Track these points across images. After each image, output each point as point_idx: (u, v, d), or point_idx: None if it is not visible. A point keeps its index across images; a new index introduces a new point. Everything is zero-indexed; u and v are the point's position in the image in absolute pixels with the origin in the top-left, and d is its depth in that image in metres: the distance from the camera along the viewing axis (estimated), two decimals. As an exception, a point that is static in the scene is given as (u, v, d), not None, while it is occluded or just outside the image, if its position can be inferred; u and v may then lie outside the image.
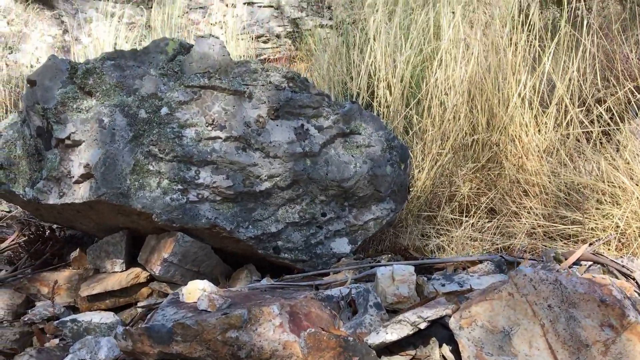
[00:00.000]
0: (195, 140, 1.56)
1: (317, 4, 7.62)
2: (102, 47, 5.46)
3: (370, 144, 1.79)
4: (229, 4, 6.65)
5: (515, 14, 2.92)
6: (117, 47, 5.49)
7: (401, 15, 2.83)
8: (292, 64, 6.55)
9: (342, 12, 7.53)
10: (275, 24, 7.05)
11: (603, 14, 3.39)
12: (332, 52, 3.33)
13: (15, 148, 1.65)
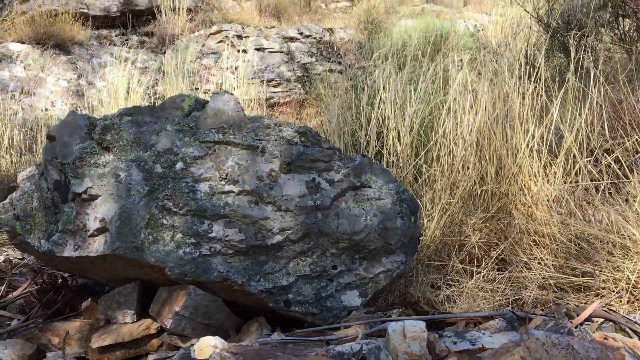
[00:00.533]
0: (208, 194, 1.59)
1: (327, 50, 7.78)
2: (116, 91, 5.57)
3: (380, 197, 1.81)
4: (241, 50, 6.79)
5: (522, 62, 2.98)
6: (131, 90, 5.61)
7: (410, 65, 2.89)
8: (302, 107, 6.65)
9: (351, 58, 7.68)
10: (286, 68, 7.19)
11: (610, 64, 3.45)
12: (341, 101, 3.38)
13: (32, 200, 1.69)
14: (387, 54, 3.00)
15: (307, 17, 9.49)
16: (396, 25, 8.46)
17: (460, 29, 8.66)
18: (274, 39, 7.39)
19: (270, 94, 6.96)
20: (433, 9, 12.07)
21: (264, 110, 5.76)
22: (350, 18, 8.86)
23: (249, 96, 6.28)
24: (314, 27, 7.90)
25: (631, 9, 3.26)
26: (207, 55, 6.79)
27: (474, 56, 4.65)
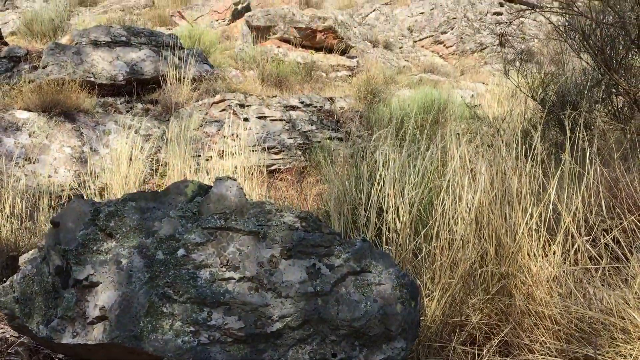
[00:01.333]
0: (209, 281, 1.60)
1: (327, 118, 7.94)
2: (119, 158, 5.65)
3: (380, 282, 1.82)
4: (243, 118, 6.94)
5: (519, 141, 3.04)
6: (133, 157, 5.68)
7: (409, 141, 2.95)
8: (303, 174, 6.71)
9: (350, 126, 7.83)
10: (287, 136, 7.32)
11: (605, 141, 3.52)
12: (341, 175, 3.43)
13: (33, 284, 1.69)
14: (386, 134, 3.07)
15: (308, 85, 9.75)
16: (395, 95, 8.67)
17: (457, 99, 8.87)
18: (275, 107, 7.56)
19: (271, 161, 7.05)
20: (431, 78, 12.41)
21: (264, 178, 5.81)
22: (350, 87, 9.10)
23: (250, 163, 6.36)
24: (314, 96, 8.09)
25: (623, 89, 3.36)
26: (210, 123, 6.92)
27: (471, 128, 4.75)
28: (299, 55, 10.59)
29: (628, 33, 3.15)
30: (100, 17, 11.10)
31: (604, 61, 3.39)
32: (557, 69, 4.15)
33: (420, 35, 14.39)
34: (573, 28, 3.41)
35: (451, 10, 14.25)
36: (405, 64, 13.65)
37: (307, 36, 10.92)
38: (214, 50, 9.68)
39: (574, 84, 3.93)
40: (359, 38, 13.14)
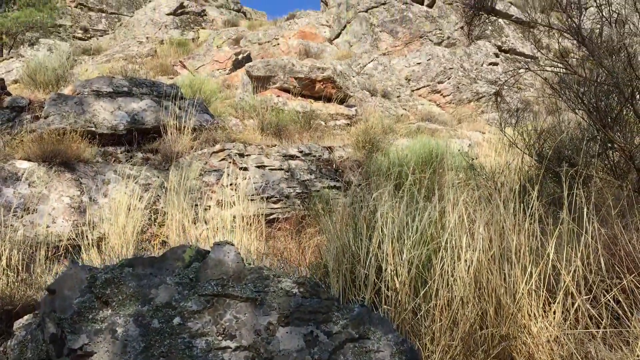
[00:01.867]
0: (205, 350, 1.58)
1: (326, 167, 7.98)
2: (117, 208, 5.64)
3: (379, 349, 1.79)
4: (242, 167, 6.98)
5: (516, 198, 3.05)
6: (132, 207, 5.68)
7: (407, 204, 2.96)
8: (301, 224, 6.69)
9: (349, 176, 7.87)
10: (286, 185, 7.33)
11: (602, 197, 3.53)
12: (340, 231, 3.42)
13: (26, 350, 1.67)
14: (384, 191, 3.08)
15: (307, 134, 9.85)
16: (393, 145, 8.75)
17: (455, 148, 8.95)
18: (274, 156, 7.61)
19: (270, 210, 7.04)
20: (428, 127, 12.54)
21: (263, 229, 5.80)
22: (349, 136, 9.18)
23: (249, 213, 6.36)
24: (313, 145, 8.15)
25: (618, 145, 3.40)
26: (209, 172, 6.95)
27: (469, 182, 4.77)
28: (299, 104, 10.73)
29: (622, 92, 3.20)
30: (102, 66, 11.30)
31: (599, 118, 3.44)
32: (552, 123, 4.21)
33: (417, 84, 14.62)
34: (567, 85, 3.47)
35: (447, 60, 14.53)
36: (403, 112, 13.83)
37: (306, 86, 11.09)
38: (214, 100, 9.81)
39: (570, 138, 3.98)
40: (358, 87, 13.35)
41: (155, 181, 6.77)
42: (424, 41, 15.53)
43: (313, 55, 15.30)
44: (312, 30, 17.36)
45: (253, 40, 16.90)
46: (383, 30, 16.00)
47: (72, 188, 6.05)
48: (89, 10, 19.66)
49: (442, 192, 3.34)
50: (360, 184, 7.76)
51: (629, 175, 3.88)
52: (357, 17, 16.65)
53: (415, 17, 15.91)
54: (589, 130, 4.14)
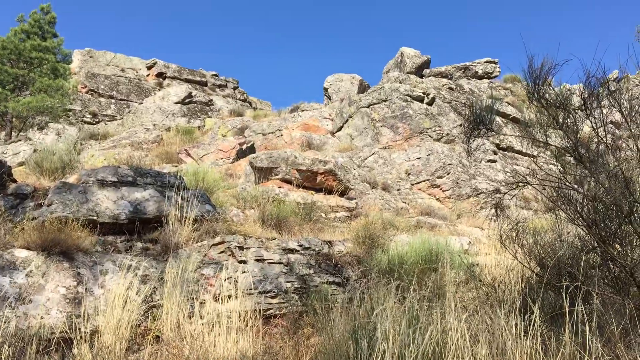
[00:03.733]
0: None
1: (325, 262, 7.95)
2: (113, 300, 5.57)
3: None
4: (241, 261, 6.95)
5: (517, 315, 3.03)
6: (129, 299, 5.61)
7: (410, 322, 2.94)
8: (298, 322, 6.57)
9: (348, 271, 7.82)
10: (284, 279, 7.27)
11: (605, 315, 3.50)
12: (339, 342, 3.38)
13: None
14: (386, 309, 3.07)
15: (307, 226, 9.89)
16: (393, 241, 8.76)
17: (455, 246, 8.96)
18: (274, 250, 7.60)
19: (267, 305, 6.94)
20: (428, 221, 12.61)
21: (259, 327, 5.69)
22: (349, 231, 9.22)
23: (246, 308, 6.26)
24: (313, 239, 8.17)
25: (618, 261, 3.42)
26: (208, 265, 6.92)
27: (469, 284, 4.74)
28: (300, 196, 10.85)
29: (621, 209, 3.27)
30: (108, 152, 11.54)
31: (598, 233, 3.48)
32: (552, 235, 4.24)
33: (417, 178, 14.85)
34: (567, 200, 3.54)
35: (447, 156, 14.85)
36: (403, 205, 13.95)
37: (307, 177, 11.27)
38: (217, 189, 9.94)
39: (570, 250, 4.00)
40: (358, 179, 13.55)
41: (153, 272, 6.73)
42: (424, 137, 15.94)
43: (315, 147, 15.64)
44: (314, 123, 17.86)
45: (257, 131, 17.35)
46: (384, 125, 16.46)
47: (69, 278, 6.00)
48: (99, 96, 20.32)
49: (442, 301, 3.33)
50: (360, 280, 7.70)
51: (630, 289, 3.87)
52: (359, 112, 17.18)
53: (415, 114, 16.42)
54: (588, 241, 4.17)
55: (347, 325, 4.07)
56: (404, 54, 22.39)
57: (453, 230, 12.39)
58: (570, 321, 3.04)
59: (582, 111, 3.37)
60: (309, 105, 21.64)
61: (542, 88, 3.45)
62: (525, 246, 3.91)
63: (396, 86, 17.38)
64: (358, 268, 7.98)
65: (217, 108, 21.51)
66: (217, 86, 25.22)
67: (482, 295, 4.60)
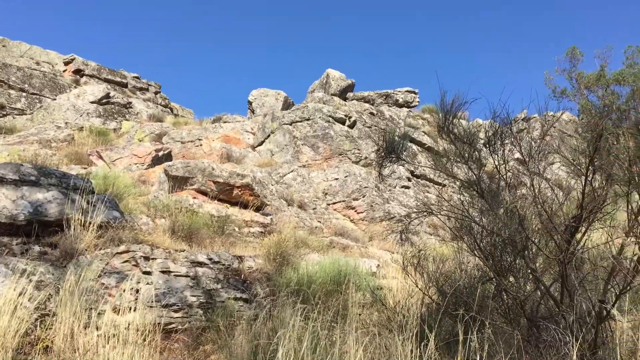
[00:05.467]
0: None
1: (234, 277, 7.84)
2: (2, 305, 5.21)
3: None
4: (145, 272, 6.72)
5: (413, 342, 3.11)
6: (20, 306, 5.26)
7: (310, 344, 2.95)
8: (200, 339, 6.41)
9: (257, 288, 7.76)
10: (190, 293, 7.09)
11: (498, 345, 3.67)
12: None
13: None
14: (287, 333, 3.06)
15: (219, 239, 9.73)
16: (304, 259, 8.79)
17: (364, 268, 9.12)
18: (182, 262, 7.41)
19: (169, 319, 6.73)
20: (341, 242, 12.76)
21: (157, 342, 5.49)
22: (261, 247, 9.15)
23: (146, 321, 6.03)
24: (223, 253, 8.04)
25: (511, 294, 3.60)
26: (110, 274, 6.63)
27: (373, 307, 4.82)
28: (214, 208, 10.67)
29: (515, 244, 3.45)
30: (13, 148, 10.88)
31: (494, 265, 3.65)
32: (453, 264, 4.42)
33: (333, 198, 15.04)
34: (467, 232, 3.70)
35: (363, 179, 15.16)
36: (318, 224, 14.05)
37: (224, 190, 11.12)
38: (127, 195, 9.59)
39: (468, 280, 4.17)
40: (276, 196, 13.53)
41: (50, 278, 6.36)
42: (343, 158, 16.20)
43: (234, 159, 15.49)
44: (236, 135, 17.71)
45: (176, 138, 16.96)
46: (305, 144, 16.59)
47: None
48: (10, 88, 19.13)
49: (346, 323, 3.36)
50: (268, 297, 7.64)
51: (520, 320, 4.08)
52: (282, 129, 17.23)
53: (336, 135, 16.68)
54: (485, 272, 4.37)
55: (249, 345, 4.03)
56: (330, 75, 22.76)
57: (364, 252, 12.61)
58: (463, 349, 3.15)
59: (486, 148, 3.56)
60: (232, 117, 21.45)
61: (452, 123, 3.61)
62: (426, 273, 4.04)
63: (320, 106, 17.60)
64: (267, 285, 7.92)
65: (136, 111, 20.84)
66: (138, 89, 24.47)
67: (384, 319, 4.70)
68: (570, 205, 3.53)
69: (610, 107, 18.44)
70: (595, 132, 2.94)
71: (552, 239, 3.35)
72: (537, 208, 3.31)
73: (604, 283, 3.30)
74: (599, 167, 3.09)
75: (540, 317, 3.58)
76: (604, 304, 3.18)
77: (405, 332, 3.14)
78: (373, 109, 20.17)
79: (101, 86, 20.69)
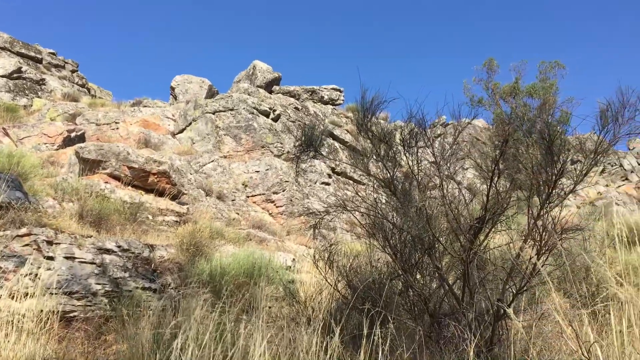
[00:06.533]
0: None
1: (144, 266, 7.60)
2: None
3: None
4: (48, 257, 6.37)
5: (319, 335, 3.12)
6: None
7: (213, 335, 2.88)
8: (103, 329, 6.16)
9: (167, 278, 7.55)
10: (94, 281, 6.80)
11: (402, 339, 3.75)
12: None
13: None
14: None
15: (130, 227, 9.40)
16: (219, 251, 8.65)
17: (280, 261, 9.11)
18: (88, 248, 7.09)
19: (70, 307, 6.42)
20: (258, 235, 12.69)
21: (55, 330, 5.22)
22: (175, 236, 8.91)
23: (45, 308, 5.72)
24: (134, 241, 7.77)
25: (416, 290, 3.69)
26: (8, 258, 6.23)
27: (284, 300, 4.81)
28: (127, 194, 10.29)
29: (423, 242, 3.54)
30: None
31: (402, 263, 3.74)
32: (363, 259, 4.49)
33: (253, 191, 14.92)
34: (378, 228, 3.76)
35: (285, 173, 15.14)
36: (236, 216, 13.89)
37: (139, 176, 10.75)
38: (33, 176, 9.05)
39: (378, 276, 4.24)
40: (194, 185, 13.24)
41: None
42: (265, 151, 16.10)
43: (153, 146, 15.02)
44: (156, 121, 17.17)
45: (91, 120, 16.20)
46: (227, 134, 16.35)
47: None
48: None
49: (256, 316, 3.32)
50: (178, 288, 7.45)
51: (424, 317, 4.20)
52: (204, 117, 16.89)
53: (259, 128, 16.55)
54: (395, 269, 4.46)
55: (151, 335, 3.91)
56: (257, 67, 22.55)
57: (281, 246, 12.60)
58: (367, 343, 3.20)
59: (401, 147, 3.63)
60: (153, 102, 20.76)
61: (370, 121, 3.66)
62: (336, 268, 4.08)
63: (245, 97, 17.39)
64: (178, 276, 7.74)
65: (50, 89, 19.70)
66: (53, 65, 23.18)
67: (294, 313, 4.70)
68: (476, 207, 3.68)
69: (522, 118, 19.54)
70: (502, 137, 3.08)
71: (457, 239, 3.47)
72: (445, 208, 3.42)
73: (503, 283, 3.46)
74: (504, 171, 3.24)
75: (442, 314, 3.70)
76: (501, 303, 3.33)
77: (312, 325, 3.15)
78: (298, 104, 20.18)
79: (13, 59, 19.40)
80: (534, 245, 3.31)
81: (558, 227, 3.38)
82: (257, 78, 22.07)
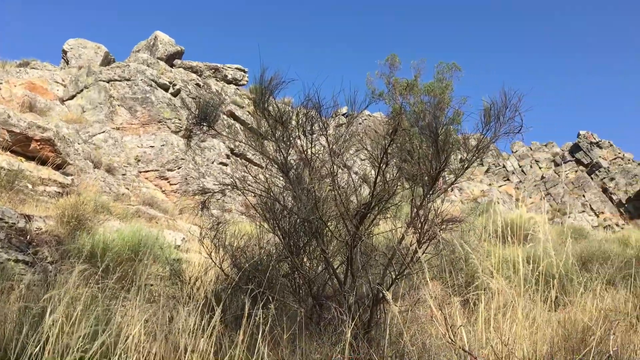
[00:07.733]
0: None
1: (18, 237, 7.09)
2: None
3: None
4: None
5: (198, 314, 3.06)
6: None
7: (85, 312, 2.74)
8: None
9: (44, 251, 7.10)
10: (-40, 251, 6.24)
11: (281, 323, 3.78)
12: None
13: None
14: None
15: (6, 195, 8.74)
16: (102, 226, 8.26)
17: (169, 240, 8.86)
18: (-47, 215, 6.49)
19: None
20: (148, 212, 12.26)
21: None
22: (55, 208, 8.38)
23: None
24: (8, 210, 7.22)
25: (301, 273, 3.73)
26: None
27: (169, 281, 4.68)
28: (5, 160, 9.53)
29: (312, 225, 3.58)
30: None
31: (289, 245, 3.75)
32: (252, 239, 4.46)
33: (146, 167, 14.38)
34: (269, 209, 3.75)
35: (181, 150, 14.71)
36: (125, 191, 13.32)
37: (19, 142, 9.99)
38: None
39: (266, 258, 4.24)
40: (81, 155, 12.52)
41: None
42: (162, 126, 15.55)
43: (38, 110, 14.00)
44: (43, 85, 16.01)
45: (-31, 76, 14.79)
46: (122, 105, 15.59)
47: None
48: None
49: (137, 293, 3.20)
50: (56, 262, 7.03)
51: (308, 299, 4.26)
52: (97, 85, 15.98)
53: (157, 101, 15.93)
54: (283, 251, 4.47)
55: (19, 309, 3.66)
56: (158, 38, 21.67)
57: (172, 224, 12.27)
58: (247, 323, 3.18)
59: (297, 130, 3.63)
60: (42, 64, 19.31)
61: (267, 100, 3.62)
62: (222, 247, 4.02)
63: (143, 68, 16.65)
64: (56, 249, 7.29)
65: None
66: None
67: (177, 292, 4.58)
68: (365, 195, 3.76)
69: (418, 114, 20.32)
70: (392, 127, 3.17)
71: (344, 224, 3.54)
72: (334, 192, 3.47)
73: (384, 269, 3.58)
74: (391, 159, 3.34)
75: (324, 296, 3.76)
76: (381, 287, 3.44)
77: (191, 304, 3.09)
78: (200, 81, 19.65)
79: None
80: (416, 233, 3.45)
81: (439, 218, 3.54)
82: (158, 49, 21.21)
